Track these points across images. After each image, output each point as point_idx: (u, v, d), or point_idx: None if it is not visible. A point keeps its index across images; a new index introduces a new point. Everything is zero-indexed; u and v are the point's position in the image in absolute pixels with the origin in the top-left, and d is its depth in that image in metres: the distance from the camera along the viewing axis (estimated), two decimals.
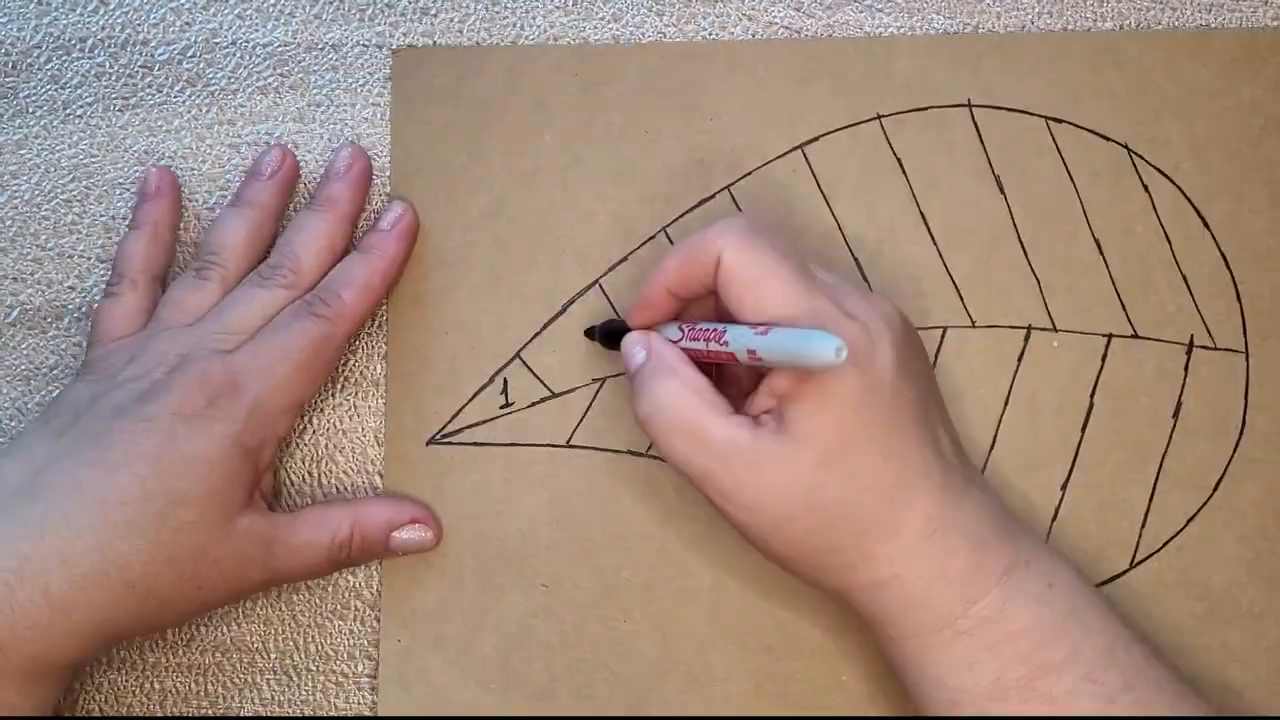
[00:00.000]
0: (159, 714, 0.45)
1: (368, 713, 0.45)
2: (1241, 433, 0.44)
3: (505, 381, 0.46)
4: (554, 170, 0.46)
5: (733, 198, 0.46)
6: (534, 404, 0.46)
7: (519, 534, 0.45)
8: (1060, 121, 0.46)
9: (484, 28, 0.47)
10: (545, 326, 0.46)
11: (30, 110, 0.47)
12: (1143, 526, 0.44)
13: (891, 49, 0.46)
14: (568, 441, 0.46)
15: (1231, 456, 0.44)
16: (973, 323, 0.45)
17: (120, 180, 0.47)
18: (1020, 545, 0.38)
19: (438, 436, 0.46)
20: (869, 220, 0.46)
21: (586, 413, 0.46)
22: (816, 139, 0.46)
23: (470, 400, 0.46)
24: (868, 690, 0.44)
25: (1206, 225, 0.45)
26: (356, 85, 0.47)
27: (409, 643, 0.45)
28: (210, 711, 0.45)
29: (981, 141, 0.46)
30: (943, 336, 0.45)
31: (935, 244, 0.46)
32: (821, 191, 0.46)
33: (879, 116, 0.46)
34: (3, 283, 0.47)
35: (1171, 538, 0.44)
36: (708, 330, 0.38)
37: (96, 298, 0.47)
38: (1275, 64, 0.46)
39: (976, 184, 0.46)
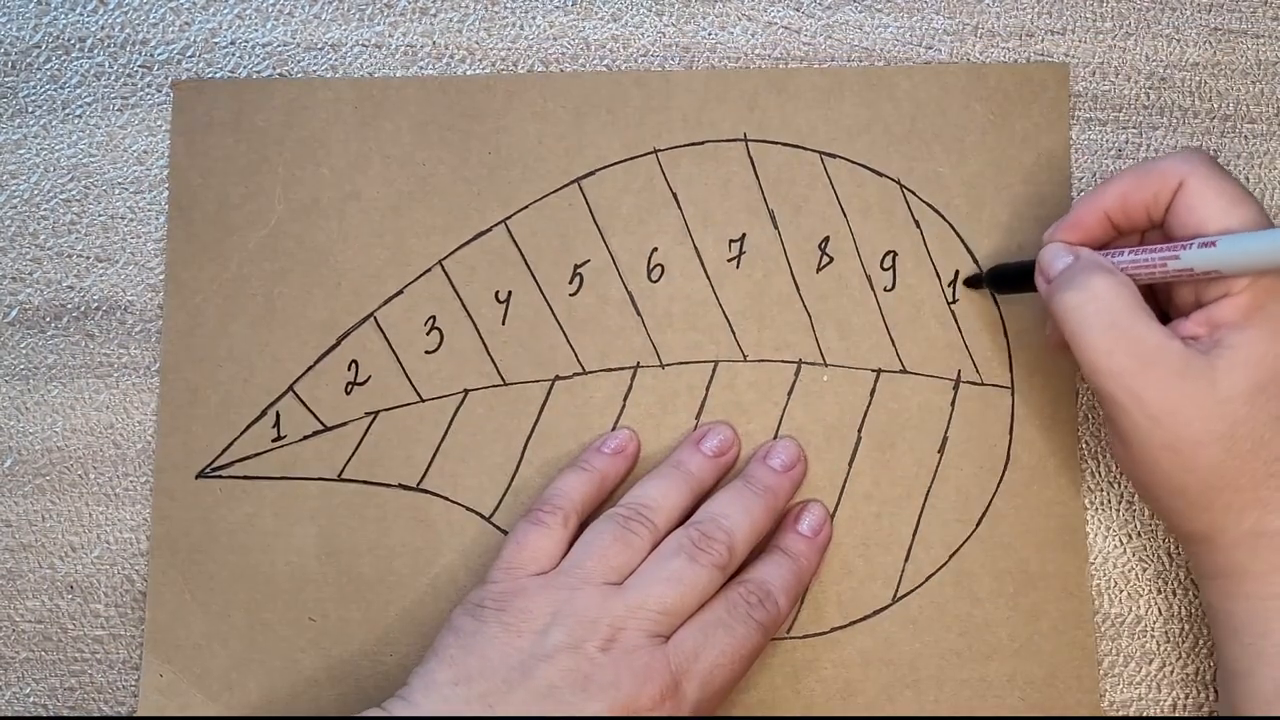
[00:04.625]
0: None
1: None
2: (1005, 467, 0.45)
3: (278, 414, 0.46)
4: (332, 203, 0.46)
5: (509, 231, 0.46)
6: (306, 437, 0.46)
7: (288, 568, 0.45)
8: (834, 156, 0.46)
9: (483, 27, 0.47)
10: (319, 360, 0.46)
11: (29, 110, 0.47)
12: (906, 560, 0.44)
13: (669, 83, 0.46)
14: (339, 475, 0.45)
15: (995, 491, 0.45)
16: (744, 357, 0.45)
17: (119, 180, 0.47)
18: None
19: (207, 470, 0.45)
20: (642, 253, 0.46)
21: (359, 446, 0.45)
22: (593, 173, 0.46)
23: (242, 433, 0.46)
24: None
25: (976, 262, 0.45)
26: None
27: (171, 678, 0.44)
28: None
29: (756, 176, 0.46)
30: (714, 371, 0.45)
31: (709, 278, 0.46)
32: (597, 225, 0.46)
33: (655, 151, 0.46)
34: (2, 282, 0.47)
35: (934, 572, 0.44)
36: (1157, 247, 0.37)
37: (96, 297, 0.46)
38: (1048, 98, 0.46)
39: (750, 218, 0.46)
